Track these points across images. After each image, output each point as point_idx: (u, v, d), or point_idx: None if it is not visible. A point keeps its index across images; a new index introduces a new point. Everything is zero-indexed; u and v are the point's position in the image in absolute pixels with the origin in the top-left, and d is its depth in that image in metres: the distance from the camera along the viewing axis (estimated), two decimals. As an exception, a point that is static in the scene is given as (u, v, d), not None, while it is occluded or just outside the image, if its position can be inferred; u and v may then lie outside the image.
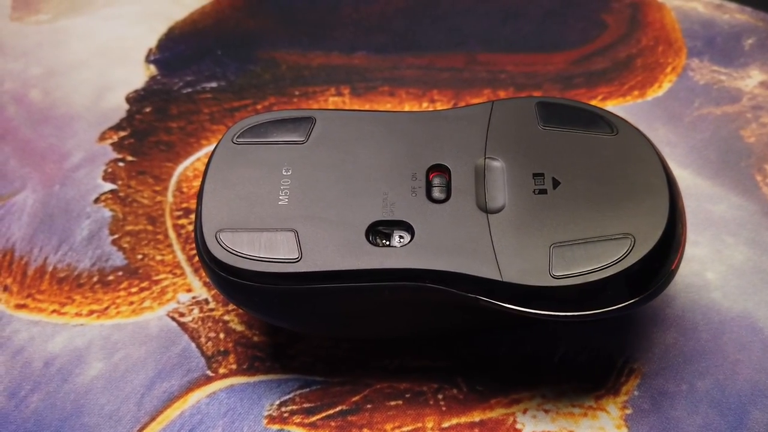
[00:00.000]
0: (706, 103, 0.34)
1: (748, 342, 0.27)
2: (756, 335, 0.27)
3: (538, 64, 0.36)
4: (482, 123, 0.26)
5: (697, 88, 0.34)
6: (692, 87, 0.34)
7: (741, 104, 0.34)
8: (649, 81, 0.35)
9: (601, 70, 0.35)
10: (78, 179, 0.32)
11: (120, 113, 0.34)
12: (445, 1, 0.38)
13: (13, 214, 0.31)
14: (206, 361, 0.27)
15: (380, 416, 0.26)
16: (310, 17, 0.38)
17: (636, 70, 0.35)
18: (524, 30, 0.37)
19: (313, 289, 0.24)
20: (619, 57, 0.36)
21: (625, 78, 0.35)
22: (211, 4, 0.39)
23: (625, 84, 0.35)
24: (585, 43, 0.36)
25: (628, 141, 0.26)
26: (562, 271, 0.23)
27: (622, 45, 0.36)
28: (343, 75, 0.35)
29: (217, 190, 0.25)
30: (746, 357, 0.27)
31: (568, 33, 0.37)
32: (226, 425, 0.26)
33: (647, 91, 0.34)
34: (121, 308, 0.28)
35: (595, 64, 0.35)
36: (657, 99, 0.34)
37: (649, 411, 0.26)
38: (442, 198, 0.25)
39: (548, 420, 0.26)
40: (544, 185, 0.25)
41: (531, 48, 0.36)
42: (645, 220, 0.24)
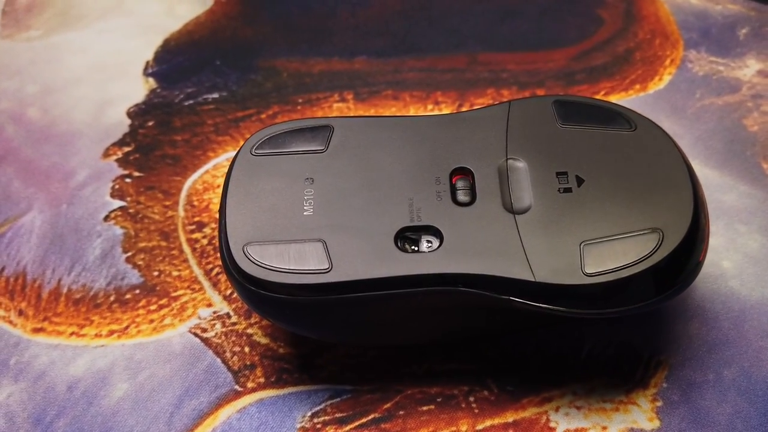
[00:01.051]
0: (707, 93, 0.34)
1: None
2: (777, 321, 0.28)
3: (539, 61, 0.36)
4: (501, 124, 0.26)
5: (697, 80, 0.35)
6: (692, 78, 0.35)
7: (741, 93, 0.34)
8: (649, 74, 0.35)
9: (602, 65, 0.35)
10: (85, 197, 0.31)
11: (122, 128, 0.34)
12: (441, 3, 0.38)
13: (21, 236, 0.30)
14: (233, 375, 0.27)
15: (413, 422, 0.26)
16: (308, 24, 0.38)
17: (636, 64, 0.35)
18: (522, 28, 0.37)
19: (345, 298, 0.23)
20: (618, 51, 0.36)
21: (626, 72, 0.35)
22: (206, 14, 0.38)
23: (627, 78, 0.35)
24: (583, 39, 0.37)
25: (647, 136, 0.26)
26: (595, 269, 0.23)
27: (620, 39, 0.36)
28: (346, 80, 0.35)
29: (239, 203, 0.25)
30: None
31: (565, 30, 0.37)
32: (260, 440, 0.25)
33: (648, 84, 0.35)
34: (142, 327, 0.28)
35: (595, 60, 0.36)
36: (659, 92, 0.34)
37: (679, 402, 0.26)
38: (468, 201, 0.25)
39: (581, 416, 0.26)
40: (569, 184, 0.25)
41: (530, 46, 0.36)
42: (671, 213, 0.24)
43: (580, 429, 0.25)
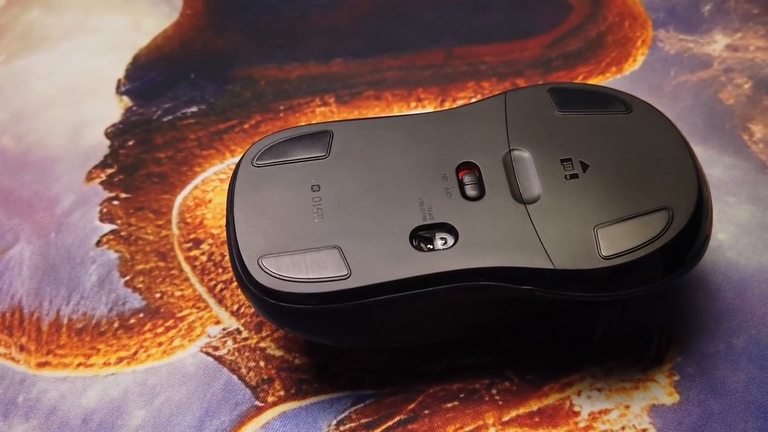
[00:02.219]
0: (681, 71, 0.35)
1: (771, 294, 0.28)
2: (776, 287, 0.28)
3: (514, 51, 0.36)
4: (499, 116, 0.26)
5: (670, 58, 0.35)
6: (665, 57, 0.35)
7: (713, 69, 0.35)
8: (623, 56, 0.36)
9: (576, 50, 0.36)
10: (73, 224, 0.31)
11: (102, 150, 0.33)
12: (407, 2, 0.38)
13: (11, 270, 0.29)
14: (252, 391, 0.26)
15: (440, 420, 0.26)
16: (279, 29, 0.37)
17: (609, 47, 0.36)
18: (494, 20, 0.37)
19: (367, 303, 0.23)
20: (590, 36, 0.36)
21: (601, 56, 0.36)
22: (173, 28, 0.37)
23: (602, 61, 0.35)
24: (555, 27, 0.37)
25: (644, 116, 0.26)
26: (611, 251, 0.23)
27: (591, 24, 0.37)
28: (325, 84, 0.35)
29: (247, 216, 0.25)
30: (772, 309, 0.28)
31: (536, 18, 0.37)
32: (288, 453, 0.25)
33: (624, 66, 0.35)
34: (151, 351, 0.27)
35: (569, 46, 0.36)
36: (635, 73, 0.35)
37: (695, 374, 0.26)
38: (478, 195, 0.25)
39: (603, 398, 0.26)
40: (574, 170, 0.25)
41: (504, 37, 0.37)
42: (677, 191, 0.24)
43: (603, 410, 0.26)
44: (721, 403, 0.26)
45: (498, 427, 0.25)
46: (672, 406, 0.26)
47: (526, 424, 0.26)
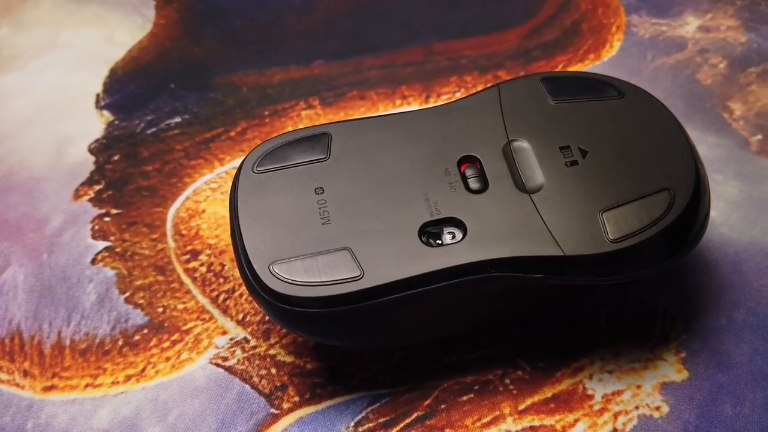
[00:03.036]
0: (658, 54, 0.36)
1: (765, 266, 0.29)
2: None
3: (493, 44, 0.36)
4: (494, 107, 0.27)
5: (645, 42, 0.36)
6: (640, 42, 0.36)
7: (688, 50, 0.36)
8: (599, 43, 0.36)
9: (554, 40, 0.36)
10: (65, 243, 0.30)
11: (88, 166, 0.32)
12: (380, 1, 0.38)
13: (6, 294, 0.29)
14: (266, 399, 0.26)
15: (457, 414, 0.26)
16: (255, 35, 0.37)
17: (585, 35, 0.36)
18: (469, 14, 0.37)
19: (382, 302, 0.23)
20: (566, 25, 0.37)
21: (578, 44, 0.36)
22: (148, 38, 0.37)
23: (580, 49, 0.36)
24: (530, 17, 0.37)
25: (636, 101, 0.27)
26: (618, 234, 0.24)
27: (565, 13, 0.37)
28: (308, 87, 0.35)
29: (253, 223, 0.24)
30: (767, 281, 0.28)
31: (511, 10, 0.38)
32: (309, 459, 0.25)
33: (601, 52, 0.36)
34: (159, 366, 0.27)
35: (546, 35, 0.37)
36: (613, 58, 0.36)
37: (701, 350, 0.27)
38: (481, 187, 0.25)
39: (615, 380, 0.26)
40: (574, 157, 0.25)
41: (481, 30, 0.37)
42: (675, 171, 0.25)
43: (616, 392, 0.26)
44: (728, 376, 0.26)
45: (515, 416, 0.26)
46: (682, 383, 0.26)
47: (543, 411, 0.26)
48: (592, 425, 0.25)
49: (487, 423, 0.26)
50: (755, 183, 0.31)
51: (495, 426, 0.25)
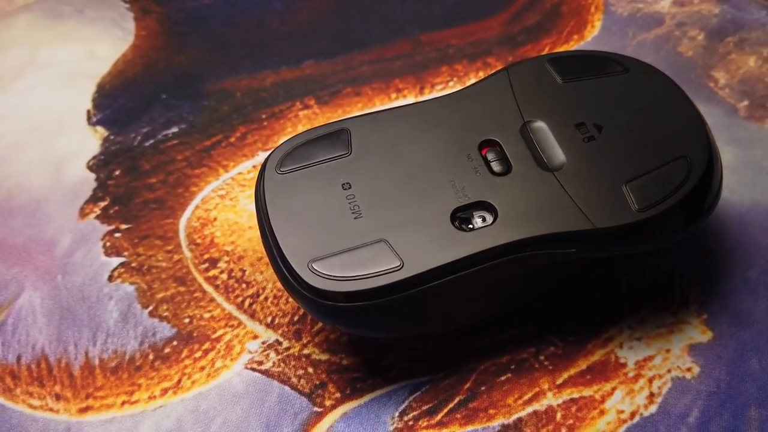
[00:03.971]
0: (639, 31, 0.37)
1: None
2: (772, 218, 0.30)
3: (478, 32, 0.37)
4: (506, 91, 0.27)
5: (624, 20, 0.37)
6: (620, 20, 0.37)
7: (666, 25, 0.37)
8: (581, 23, 0.37)
9: (536, 24, 0.37)
10: (78, 263, 0.29)
11: (89, 184, 0.32)
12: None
13: (24, 320, 0.28)
14: (308, 398, 0.26)
15: (498, 394, 0.26)
16: (241, 40, 0.37)
17: (566, 17, 0.37)
18: (450, 4, 0.38)
19: (423, 290, 0.24)
20: (546, 8, 0.38)
21: (561, 26, 0.37)
22: (132, 51, 0.36)
23: (563, 31, 0.37)
24: (510, 3, 0.38)
25: (641, 74, 0.27)
26: (645, 203, 0.24)
27: (544, -3, 0.38)
28: (302, 87, 0.35)
29: (285, 224, 0.24)
30: (774, 239, 0.30)
31: (492, -3, 0.38)
32: (360, 453, 0.25)
33: (584, 33, 0.37)
34: (195, 376, 0.27)
35: (528, 20, 0.37)
36: (596, 38, 0.36)
37: (721, 310, 0.28)
38: (505, 169, 0.25)
39: (644, 346, 0.27)
40: (590, 132, 0.26)
41: (465, 19, 0.37)
42: (689, 138, 0.26)
43: (647, 357, 0.27)
44: (750, 332, 0.27)
45: (554, 390, 0.26)
46: (708, 343, 0.27)
47: (580, 383, 0.26)
48: (630, 392, 0.26)
49: (529, 400, 0.26)
50: (748, 147, 0.32)
51: (537, 402, 0.26)
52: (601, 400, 0.26)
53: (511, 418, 0.26)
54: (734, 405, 0.26)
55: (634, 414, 0.26)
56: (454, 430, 0.26)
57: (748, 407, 0.26)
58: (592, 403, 0.26)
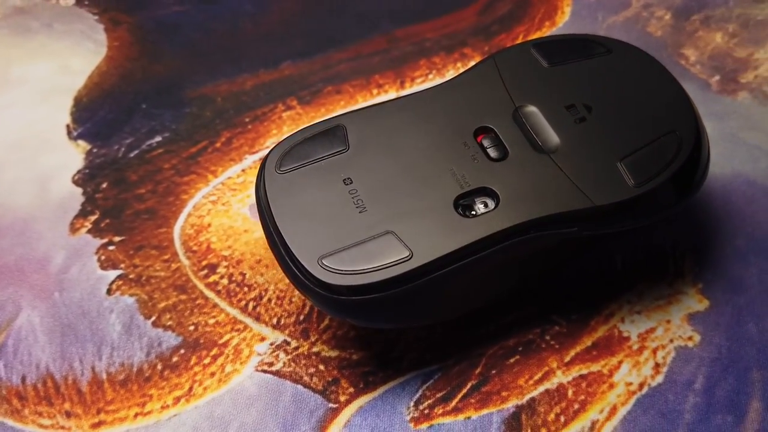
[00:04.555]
0: (608, 14, 0.37)
1: (751, 194, 0.31)
2: (754, 186, 0.31)
3: (451, 24, 0.37)
4: (495, 78, 0.28)
5: (593, 5, 0.38)
6: (588, 5, 0.38)
7: (634, 7, 0.38)
8: (551, 10, 0.38)
9: (508, 13, 0.38)
10: (74, 279, 0.29)
11: (77, 199, 0.31)
12: (335, -7, 0.38)
13: (25, 339, 0.28)
14: (322, 395, 0.26)
15: (509, 376, 0.27)
16: (216, 45, 0.37)
17: (536, 4, 0.38)
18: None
19: (435, 277, 0.24)
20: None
21: (532, 13, 0.38)
22: (106, 62, 0.36)
23: (535, 18, 0.37)
24: (480, -6, 0.38)
25: (624, 54, 0.28)
26: (640, 179, 0.25)
27: (512, -14, 0.39)
28: (282, 88, 0.35)
29: (291, 223, 0.25)
30: (758, 206, 0.30)
31: (461, -11, 0.39)
32: (380, 444, 0.25)
33: (556, 19, 0.37)
34: (206, 383, 0.27)
35: (500, 9, 0.38)
36: (567, 23, 0.37)
37: (714, 278, 0.29)
38: (502, 155, 0.26)
39: (645, 319, 0.28)
40: (580, 114, 0.27)
41: (437, 12, 0.38)
42: (676, 113, 0.27)
43: (649, 330, 0.28)
44: (745, 297, 0.28)
45: (563, 368, 0.27)
46: (706, 311, 0.28)
47: (587, 359, 0.27)
48: (636, 364, 0.27)
49: (539, 379, 0.27)
50: (724, 120, 0.33)
51: (547, 381, 0.26)
52: (609, 374, 0.27)
53: (524, 398, 0.26)
54: (737, 369, 0.27)
55: (642, 385, 0.26)
56: (470, 414, 0.26)
57: (750, 370, 0.27)
58: (600, 378, 0.27)
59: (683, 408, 0.26)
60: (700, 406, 0.26)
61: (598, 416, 0.26)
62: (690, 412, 0.26)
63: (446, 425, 0.26)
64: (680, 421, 0.26)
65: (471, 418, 0.26)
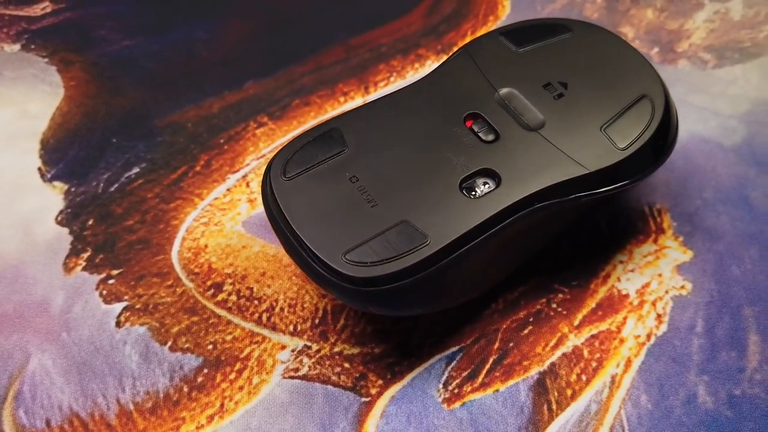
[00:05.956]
0: (545, 3, 0.39)
1: (708, 150, 0.33)
2: (709, 143, 0.33)
3: (402, 28, 0.39)
4: (472, 67, 0.29)
5: (529, -4, 0.40)
6: (526, -4, 0.40)
7: (566, -6, 0.40)
8: (493, 5, 0.39)
9: (453, 12, 0.39)
10: (79, 317, 0.29)
11: (65, 238, 0.31)
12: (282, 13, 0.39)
13: (42, 384, 0.27)
14: (353, 391, 0.27)
15: (527, 347, 0.28)
16: (175, 73, 0.37)
17: (478, 1, 0.40)
18: (370, 6, 0.39)
19: (456, 257, 0.25)
20: (457, -3, 0.40)
21: (475, 9, 0.39)
22: (65, 103, 0.36)
23: (479, 14, 0.39)
24: (423, -3, 0.40)
25: (584, 31, 0.30)
26: (625, 142, 0.27)
27: (451, -13, 0.40)
28: (251, 107, 0.35)
29: (308, 225, 0.25)
30: (716, 161, 0.33)
31: (404, -5, 0.40)
32: (418, 427, 0.26)
33: (498, 12, 0.39)
34: (236, 397, 0.27)
35: (445, 9, 0.39)
36: (510, 16, 0.39)
37: (693, 230, 0.31)
38: (495, 137, 0.27)
39: (639, 275, 0.30)
40: (558, 90, 0.28)
41: (386, 18, 0.39)
42: (644, 80, 0.28)
43: (645, 285, 0.29)
44: (723, 244, 0.30)
45: (574, 331, 0.28)
46: (692, 261, 0.30)
47: (594, 320, 0.28)
48: (639, 318, 0.28)
49: (555, 345, 0.28)
50: (671, 86, 0.35)
51: (563, 345, 0.28)
52: (617, 330, 0.28)
53: (544, 364, 0.27)
54: (730, 308, 0.29)
55: (650, 336, 0.28)
56: (497, 387, 0.27)
57: (742, 308, 0.29)
58: (610, 335, 0.28)
59: (690, 351, 0.28)
60: (705, 346, 0.28)
61: (615, 370, 0.27)
62: (697, 353, 0.28)
63: (478, 401, 0.27)
64: (690, 363, 0.27)
65: (500, 391, 0.27)
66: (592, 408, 0.26)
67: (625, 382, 0.27)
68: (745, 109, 0.34)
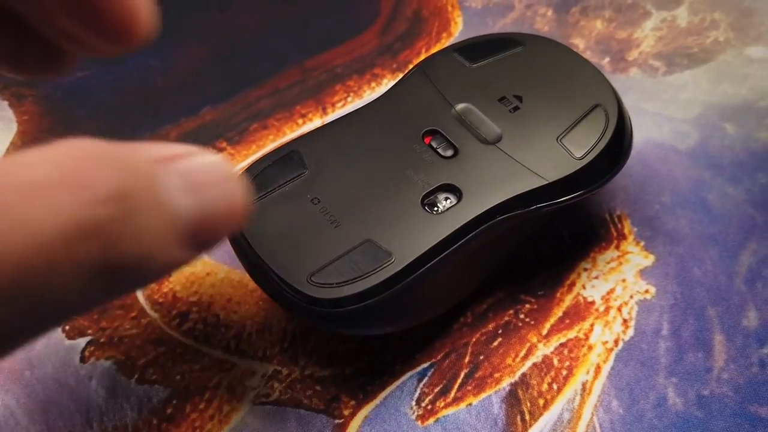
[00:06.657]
0: (496, 18, 0.40)
1: (663, 155, 0.34)
2: (664, 148, 0.34)
3: (356, 48, 0.39)
4: (427, 83, 0.29)
5: (480, 12, 0.40)
6: (477, 12, 0.40)
7: (517, 9, 0.40)
8: (445, 22, 0.40)
9: (406, 31, 0.40)
10: (42, 354, 0.28)
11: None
12: (236, 38, 0.39)
13: (6, 425, 0.27)
14: (325, 414, 0.27)
15: (497, 359, 0.28)
16: (129, 102, 0.36)
17: (429, 19, 0.40)
18: (322, 29, 0.40)
19: (421, 273, 0.25)
20: (408, 15, 0.40)
21: (428, 28, 0.40)
22: (19, 137, 0.35)
23: (431, 32, 0.39)
24: (376, 17, 0.40)
25: (536, 44, 0.30)
26: (581, 152, 0.27)
27: (403, 6, 0.41)
28: (209, 133, 0.35)
29: (268, 248, 0.25)
30: (672, 165, 0.33)
31: (356, 15, 0.40)
32: (394, 447, 0.26)
33: (451, 30, 0.40)
34: (207, 427, 0.26)
35: (398, 29, 0.40)
36: (462, 32, 0.39)
37: (653, 234, 0.31)
38: (453, 152, 0.27)
39: (603, 282, 0.30)
40: (513, 104, 0.29)
41: (340, 39, 0.39)
42: (597, 90, 0.29)
43: (609, 291, 0.30)
44: (683, 246, 0.31)
45: (543, 341, 0.28)
46: (654, 265, 0.30)
47: (562, 328, 0.29)
48: (606, 324, 0.29)
49: (525, 355, 0.28)
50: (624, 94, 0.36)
51: (533, 355, 0.28)
52: (585, 337, 0.28)
53: (515, 375, 0.27)
54: (694, 310, 0.29)
55: (617, 341, 0.28)
56: (470, 401, 0.27)
57: (705, 308, 0.29)
58: (579, 342, 0.28)
59: (658, 354, 0.28)
60: (672, 349, 0.28)
61: (586, 377, 0.27)
62: (665, 356, 0.28)
63: (451, 416, 0.27)
64: (658, 366, 0.28)
65: (473, 404, 0.27)
66: (565, 416, 0.27)
67: (595, 388, 0.27)
68: (696, 113, 0.35)
